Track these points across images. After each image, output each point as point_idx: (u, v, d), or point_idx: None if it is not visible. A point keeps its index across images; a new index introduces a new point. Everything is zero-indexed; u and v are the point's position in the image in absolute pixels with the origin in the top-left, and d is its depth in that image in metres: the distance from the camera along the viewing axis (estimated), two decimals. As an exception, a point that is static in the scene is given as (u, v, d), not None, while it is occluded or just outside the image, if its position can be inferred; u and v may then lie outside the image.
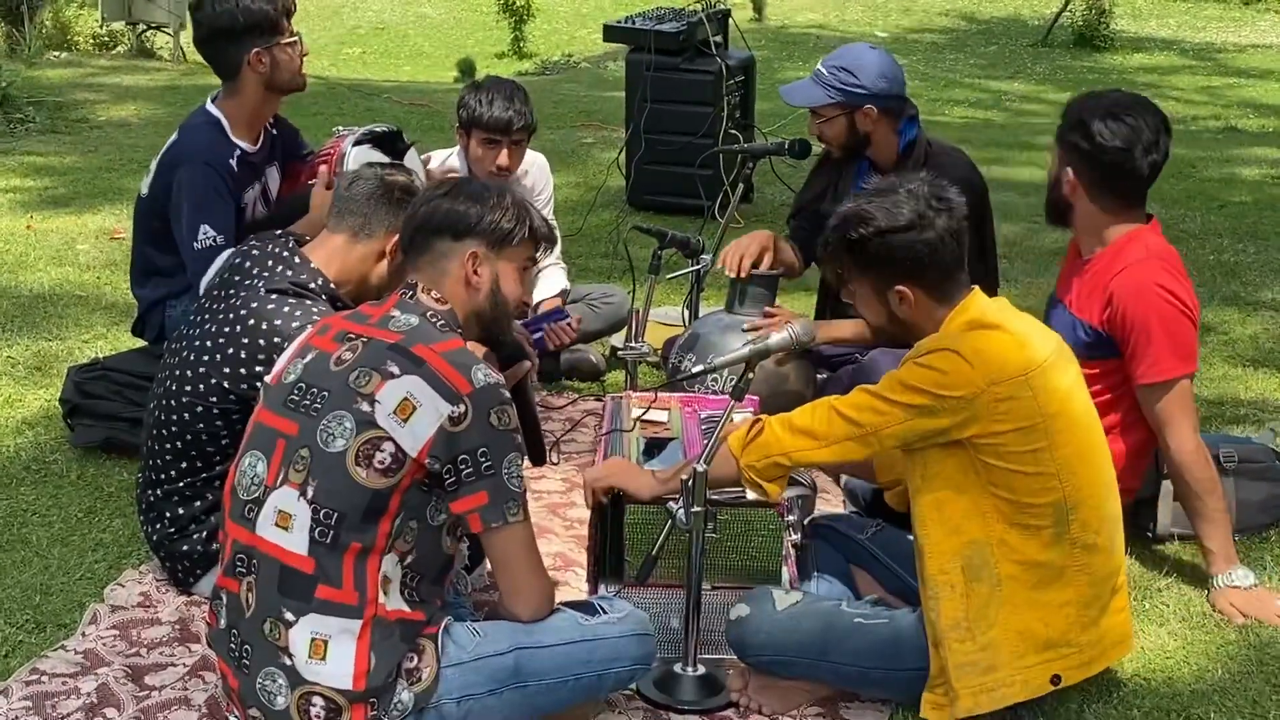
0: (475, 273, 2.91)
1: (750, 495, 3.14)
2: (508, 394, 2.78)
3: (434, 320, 2.86)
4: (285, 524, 2.74)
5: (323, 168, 4.09)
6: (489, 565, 2.95)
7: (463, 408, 2.71)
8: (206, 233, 4.04)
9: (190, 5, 4.23)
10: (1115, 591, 3.01)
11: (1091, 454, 2.97)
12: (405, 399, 2.71)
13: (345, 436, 2.72)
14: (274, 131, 4.36)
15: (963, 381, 2.81)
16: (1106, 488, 2.99)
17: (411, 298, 2.90)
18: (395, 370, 2.74)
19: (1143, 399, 3.71)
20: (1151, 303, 3.64)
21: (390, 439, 2.70)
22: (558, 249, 4.96)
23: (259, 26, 4.11)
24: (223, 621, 2.83)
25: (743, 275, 4.39)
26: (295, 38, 4.19)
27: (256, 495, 2.79)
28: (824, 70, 4.40)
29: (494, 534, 2.76)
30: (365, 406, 2.72)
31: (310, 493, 2.72)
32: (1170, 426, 3.66)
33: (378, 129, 4.22)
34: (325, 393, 2.77)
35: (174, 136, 4.26)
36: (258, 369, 3.28)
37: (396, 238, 3.23)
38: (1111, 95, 3.75)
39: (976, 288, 3.01)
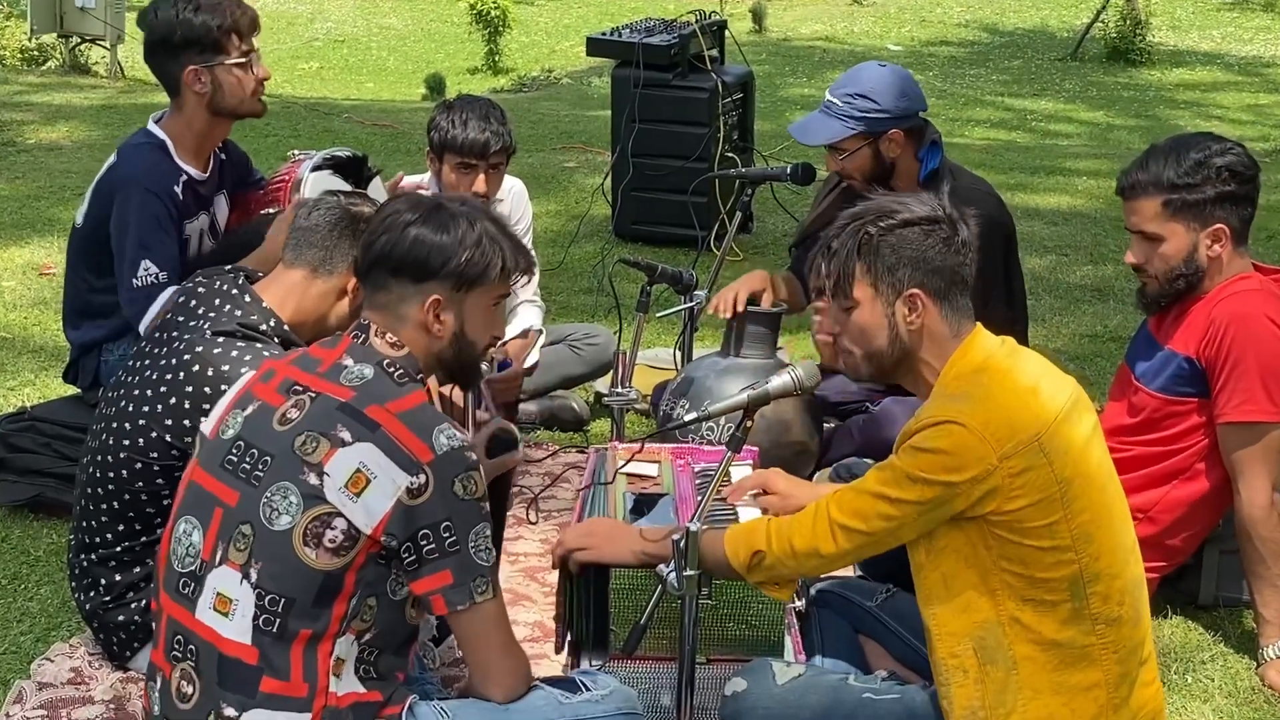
0: (437, 320, 2.87)
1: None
2: (474, 457, 2.75)
3: (390, 370, 2.82)
4: (225, 609, 2.71)
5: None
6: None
7: (423, 478, 2.69)
8: (148, 269, 4.05)
9: (141, 10, 4.25)
10: (1144, 663, 3.00)
11: (1109, 516, 2.95)
12: (357, 471, 2.69)
13: (291, 513, 2.69)
14: (223, 157, 4.38)
15: (973, 459, 2.79)
16: (1127, 551, 2.97)
17: (364, 342, 2.86)
18: (346, 436, 2.71)
19: (1223, 441, 3.69)
20: (1255, 331, 3.63)
21: (341, 515, 2.68)
22: (535, 282, 4.98)
23: (198, 42, 4.11)
24: (157, 708, 2.81)
25: (739, 310, 4.39)
26: (245, 59, 4.17)
27: (193, 569, 2.77)
28: (836, 100, 4.38)
29: (460, 616, 2.75)
30: (313, 479, 2.70)
31: (254, 576, 2.70)
32: (1245, 477, 3.65)
33: (340, 153, 4.24)
34: (268, 458, 2.75)
35: (111, 159, 4.27)
36: (202, 420, 3.28)
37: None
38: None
39: (980, 324, 3.01)
